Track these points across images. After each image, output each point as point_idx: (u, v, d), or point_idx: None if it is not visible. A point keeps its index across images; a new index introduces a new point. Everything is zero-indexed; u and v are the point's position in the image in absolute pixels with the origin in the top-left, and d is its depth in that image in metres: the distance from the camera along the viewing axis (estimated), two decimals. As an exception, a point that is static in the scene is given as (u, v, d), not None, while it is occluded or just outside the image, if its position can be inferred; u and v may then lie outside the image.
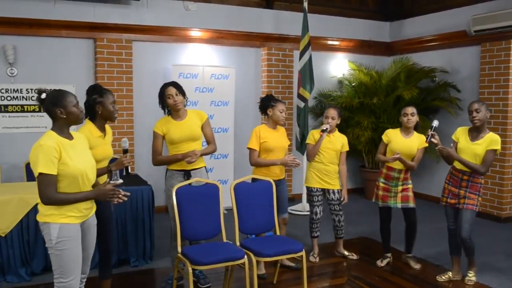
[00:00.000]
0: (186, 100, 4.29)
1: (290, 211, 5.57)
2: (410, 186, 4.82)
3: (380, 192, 4.87)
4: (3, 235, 4.32)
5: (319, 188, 5.05)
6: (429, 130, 4.36)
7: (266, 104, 4.75)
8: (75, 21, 6.45)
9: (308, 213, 7.05)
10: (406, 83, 7.74)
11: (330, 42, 8.29)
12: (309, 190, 5.10)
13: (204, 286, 4.34)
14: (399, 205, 4.80)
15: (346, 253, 5.25)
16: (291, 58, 7.90)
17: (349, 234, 5.79)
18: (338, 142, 5.05)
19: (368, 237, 5.96)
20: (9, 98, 6.24)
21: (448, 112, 7.55)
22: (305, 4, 7.07)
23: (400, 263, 5.01)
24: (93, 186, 3.09)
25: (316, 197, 5.06)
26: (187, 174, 4.23)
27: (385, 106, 7.83)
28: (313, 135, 5.04)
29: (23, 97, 6.30)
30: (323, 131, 4.89)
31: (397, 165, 4.73)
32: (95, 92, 3.62)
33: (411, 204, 4.78)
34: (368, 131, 7.63)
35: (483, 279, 4.55)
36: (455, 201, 4.42)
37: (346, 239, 5.40)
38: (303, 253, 4.05)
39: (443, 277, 4.58)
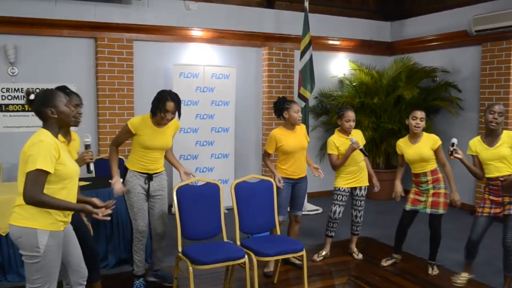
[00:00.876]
0: (179, 117, 4.15)
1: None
2: (442, 190, 4.60)
3: (412, 196, 4.72)
4: (3, 235, 4.32)
5: (348, 188, 5.03)
6: (450, 147, 4.22)
7: (281, 107, 4.70)
8: (76, 21, 6.45)
9: (309, 212, 7.12)
10: (407, 83, 7.74)
11: (331, 42, 8.29)
12: (336, 189, 5.06)
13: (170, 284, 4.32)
14: (428, 210, 4.62)
15: (355, 250, 5.26)
16: (292, 58, 7.90)
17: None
18: (358, 139, 4.95)
19: (369, 237, 5.95)
20: (10, 98, 6.25)
21: (449, 112, 7.55)
22: (306, 4, 7.07)
23: (401, 264, 4.99)
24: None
25: (341, 197, 5.03)
26: (149, 178, 4.12)
27: (386, 106, 7.82)
28: (334, 144, 4.94)
29: (24, 96, 6.28)
30: (355, 144, 4.78)
31: (420, 169, 4.63)
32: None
33: (441, 211, 4.59)
34: (369, 131, 7.61)
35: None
36: (500, 209, 4.16)
37: (349, 239, 5.38)
38: (303, 252, 4.05)
39: (461, 279, 4.41)
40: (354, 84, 8.20)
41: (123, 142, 4.17)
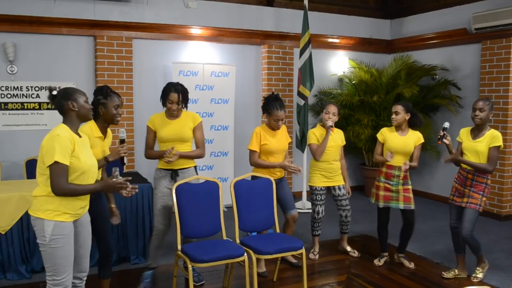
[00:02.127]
0: (186, 108, 4.27)
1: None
2: (410, 187, 4.78)
3: (381, 193, 4.80)
4: (3, 233, 4.33)
5: (324, 187, 5.05)
6: (441, 130, 4.38)
7: (266, 107, 4.65)
8: (75, 19, 6.44)
9: (309, 211, 7.11)
10: (407, 81, 7.73)
11: (330, 40, 8.28)
12: (313, 189, 5.09)
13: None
14: (401, 206, 4.75)
15: (348, 249, 5.27)
16: (292, 56, 7.89)
17: (350, 232, 5.77)
18: (338, 138, 5.09)
19: (368, 235, 5.95)
20: (9, 96, 6.24)
21: (448, 110, 7.55)
22: (306, 2, 7.07)
23: (400, 262, 5.00)
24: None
25: (320, 196, 5.06)
26: (174, 173, 4.22)
27: (385, 104, 7.82)
28: (314, 134, 5.04)
29: (23, 94, 6.30)
30: (330, 127, 4.89)
31: (397, 162, 4.71)
32: (101, 93, 3.64)
33: (413, 206, 4.75)
34: (368, 129, 7.62)
35: (484, 278, 4.54)
36: (460, 199, 4.46)
37: (347, 237, 5.39)
38: (303, 250, 4.05)
39: (449, 274, 4.58)
40: (353, 82, 8.20)
41: (153, 142, 4.29)
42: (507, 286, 4.35)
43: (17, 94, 6.28)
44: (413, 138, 4.76)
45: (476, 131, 4.39)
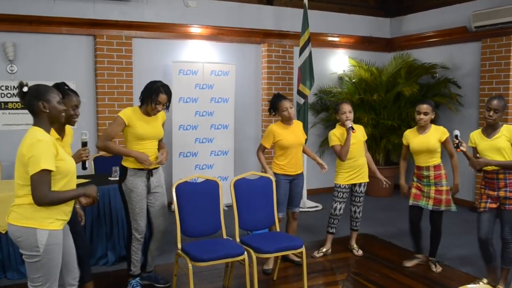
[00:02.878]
0: (168, 110, 4.14)
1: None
2: (444, 188, 4.57)
3: (413, 190, 4.69)
4: (3, 232, 4.33)
5: (348, 185, 5.04)
6: (455, 139, 4.20)
7: (272, 106, 4.75)
8: (75, 18, 6.44)
9: (309, 209, 7.12)
10: (407, 79, 7.73)
11: (330, 39, 8.28)
12: (336, 186, 5.08)
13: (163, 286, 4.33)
14: (430, 207, 4.60)
15: (355, 246, 5.26)
16: (291, 55, 7.88)
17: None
18: (359, 133, 5.03)
19: (370, 234, 5.95)
20: (9, 95, 6.24)
21: (448, 108, 7.55)
22: (305, 0, 7.06)
23: (401, 260, 4.98)
24: None
25: (342, 194, 5.05)
26: (149, 174, 4.07)
27: (386, 102, 7.82)
28: (335, 135, 5.00)
29: (16, 87, 6.28)
30: (351, 128, 4.85)
31: (423, 162, 4.61)
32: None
33: (443, 208, 4.58)
34: (368, 128, 7.60)
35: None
36: (496, 205, 4.13)
37: (349, 236, 5.39)
38: (303, 249, 4.05)
39: (479, 283, 4.28)
40: (353, 80, 8.19)
41: (116, 135, 4.05)
42: None
43: (16, 90, 6.26)
44: (436, 134, 4.60)
45: (489, 130, 4.18)
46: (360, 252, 5.21)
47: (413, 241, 4.90)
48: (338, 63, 8.43)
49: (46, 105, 2.73)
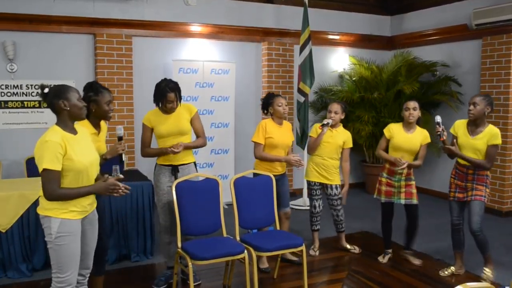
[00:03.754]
0: (181, 101, 4.24)
1: (291, 206, 5.58)
2: (413, 182, 4.74)
3: (383, 188, 4.78)
4: (3, 231, 4.33)
5: (318, 182, 5.06)
6: (437, 126, 4.30)
7: (266, 103, 4.76)
8: (75, 17, 6.44)
9: (308, 207, 7.11)
10: (407, 77, 7.72)
11: (330, 37, 8.27)
12: (309, 183, 5.14)
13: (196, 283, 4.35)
14: (402, 201, 4.72)
15: (348, 246, 5.26)
16: (292, 53, 7.88)
17: (350, 229, 5.79)
18: (340, 137, 5.03)
19: (369, 232, 5.95)
20: (9, 94, 6.25)
21: (449, 106, 7.54)
22: (305, -1, 7.06)
23: (400, 258, 4.99)
24: (96, 179, 3.10)
25: (315, 191, 5.09)
26: (174, 169, 4.20)
27: (386, 100, 7.81)
28: (316, 128, 5.04)
29: (23, 93, 6.30)
30: (323, 125, 4.89)
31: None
32: (91, 89, 3.59)
33: (415, 201, 4.72)
34: (369, 126, 7.62)
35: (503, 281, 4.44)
36: (463, 194, 4.39)
37: (348, 234, 5.40)
38: (303, 247, 4.05)
39: (446, 272, 4.56)
40: (354, 79, 8.18)
41: (147, 140, 4.25)
42: (508, 282, 4.34)
43: (17, 93, 6.28)
44: (420, 137, 4.70)
45: (473, 127, 4.32)
46: (357, 250, 5.22)
47: (385, 238, 5.00)
48: (338, 61, 8.43)
49: (66, 103, 2.90)
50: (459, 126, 4.44)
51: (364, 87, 8.05)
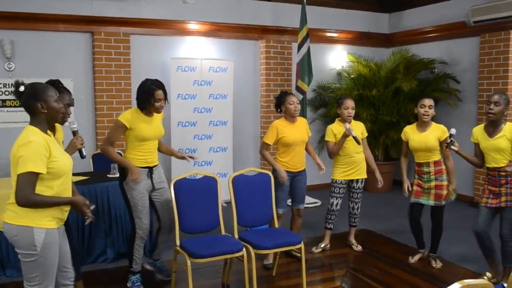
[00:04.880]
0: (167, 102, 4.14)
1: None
2: (444, 183, 4.55)
3: (415, 188, 4.66)
4: (1, 230, 4.31)
5: (344, 180, 5.03)
6: (448, 137, 4.24)
7: (279, 102, 4.76)
8: (72, 15, 6.42)
9: (310, 205, 7.12)
10: (405, 75, 7.72)
11: (328, 34, 8.26)
12: (333, 181, 5.08)
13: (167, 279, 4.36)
14: (431, 203, 4.59)
15: (354, 242, 5.27)
16: (290, 51, 7.87)
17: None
18: (357, 130, 4.97)
19: (368, 230, 5.95)
20: (7, 93, 6.23)
21: (447, 103, 7.54)
22: (303, -4, 7.05)
23: (400, 256, 5.00)
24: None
25: (339, 189, 5.05)
26: (150, 171, 4.10)
27: (384, 98, 7.81)
28: (332, 131, 4.97)
29: (12, 86, 6.27)
30: (349, 131, 4.75)
31: (423, 159, 4.58)
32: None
33: (443, 202, 4.57)
34: (367, 123, 7.58)
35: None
36: (496, 201, 4.11)
37: (347, 232, 5.38)
38: (301, 245, 4.05)
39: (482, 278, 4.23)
40: (352, 76, 8.18)
41: (118, 139, 4.11)
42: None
43: (12, 90, 6.25)
44: (436, 133, 4.55)
45: (491, 128, 4.12)
46: (359, 248, 5.22)
47: (415, 238, 4.88)
48: (336, 58, 8.42)
49: (44, 105, 2.68)
50: (477, 132, 4.24)
51: (362, 84, 8.05)
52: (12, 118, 6.27)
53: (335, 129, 4.97)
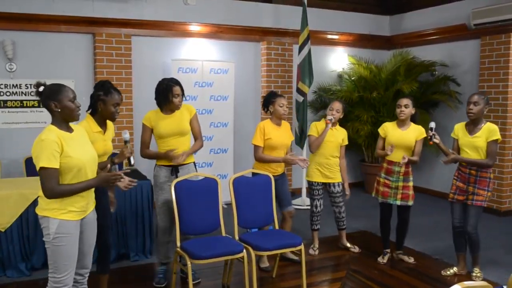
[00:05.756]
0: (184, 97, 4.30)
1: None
2: (411, 184, 4.74)
3: (381, 188, 4.80)
4: (3, 230, 4.33)
5: (320, 182, 5.08)
6: (429, 131, 4.38)
7: (267, 101, 4.76)
8: (74, 16, 6.44)
9: (308, 207, 7.12)
10: (406, 77, 7.73)
11: (329, 36, 8.27)
12: (310, 184, 5.14)
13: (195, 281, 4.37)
14: (398, 202, 4.74)
15: (348, 245, 5.28)
16: (291, 52, 7.88)
17: (349, 228, 5.77)
18: (339, 135, 5.10)
19: (368, 231, 5.96)
20: (8, 94, 6.24)
21: (447, 106, 7.55)
22: (304, -2, 7.07)
23: (397, 257, 5.00)
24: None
25: (317, 191, 5.10)
26: (175, 170, 4.21)
27: (385, 100, 7.82)
28: (315, 127, 5.06)
29: (22, 92, 6.30)
30: (329, 120, 4.92)
31: (397, 158, 4.67)
32: (102, 88, 3.58)
33: (410, 203, 4.73)
34: (367, 125, 7.62)
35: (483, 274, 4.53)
36: (463, 197, 4.39)
37: (347, 233, 5.38)
38: (302, 247, 4.06)
39: (448, 272, 4.56)
40: (353, 78, 8.19)
41: (147, 141, 4.27)
42: (505, 281, 4.34)
43: (16, 92, 6.28)
44: (415, 133, 4.71)
45: (472, 126, 4.36)
46: (357, 249, 5.23)
47: (383, 238, 5.00)
48: (337, 60, 8.44)
49: (57, 104, 2.87)
50: (458, 129, 4.47)
51: (363, 86, 8.06)
52: (14, 119, 6.28)
53: (319, 125, 5.07)
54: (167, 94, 4.11)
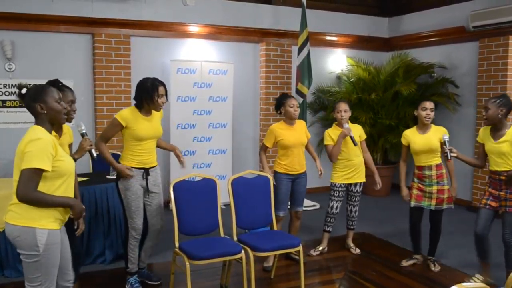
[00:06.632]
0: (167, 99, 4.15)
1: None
2: (445, 187, 4.56)
3: (415, 192, 4.63)
4: (0, 230, 4.32)
5: (343, 184, 5.04)
6: (445, 147, 4.28)
7: (278, 103, 4.79)
8: (73, 16, 6.44)
9: (309, 208, 7.13)
10: (405, 79, 7.74)
11: (328, 38, 8.28)
12: (332, 185, 5.09)
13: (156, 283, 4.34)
14: (432, 207, 4.58)
15: (352, 245, 5.28)
16: (290, 54, 7.89)
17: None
18: (356, 133, 4.99)
19: (367, 233, 5.96)
20: (7, 94, 6.24)
21: (446, 108, 7.56)
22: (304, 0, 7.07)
23: (399, 259, 4.99)
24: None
25: (338, 192, 5.06)
26: (146, 173, 4.06)
27: (383, 101, 7.83)
28: (330, 135, 4.99)
29: (16, 90, 6.29)
30: (348, 130, 4.84)
31: (425, 162, 4.57)
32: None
33: (444, 206, 4.57)
34: (366, 127, 7.59)
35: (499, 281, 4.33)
36: (496, 204, 4.16)
37: (346, 235, 5.39)
38: (300, 248, 4.06)
39: (472, 280, 4.31)
40: (351, 80, 8.20)
41: (112, 136, 4.09)
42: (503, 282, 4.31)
43: (15, 92, 6.27)
44: (437, 134, 4.55)
45: (495, 132, 4.15)
46: (358, 251, 5.23)
47: (412, 242, 4.88)
48: (336, 62, 8.44)
49: (43, 106, 2.71)
50: (483, 133, 4.27)
51: (361, 88, 8.06)
52: (12, 119, 6.28)
53: (332, 133, 5.00)
54: (152, 93, 3.92)
